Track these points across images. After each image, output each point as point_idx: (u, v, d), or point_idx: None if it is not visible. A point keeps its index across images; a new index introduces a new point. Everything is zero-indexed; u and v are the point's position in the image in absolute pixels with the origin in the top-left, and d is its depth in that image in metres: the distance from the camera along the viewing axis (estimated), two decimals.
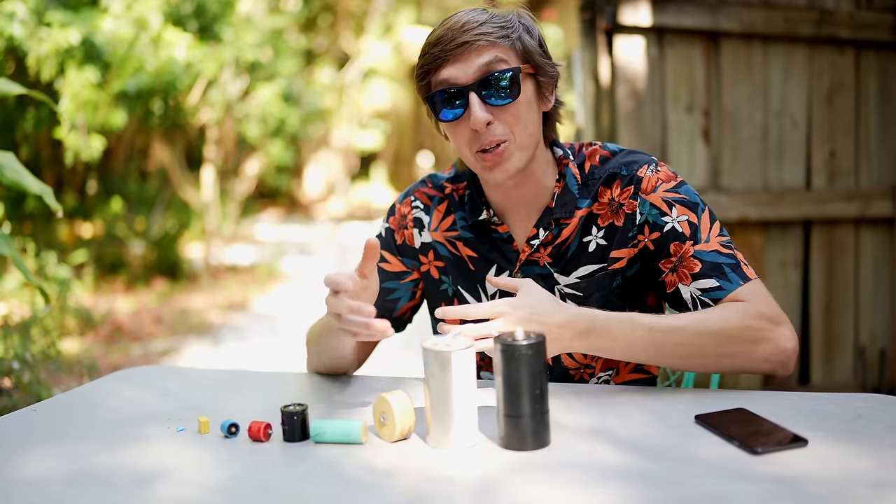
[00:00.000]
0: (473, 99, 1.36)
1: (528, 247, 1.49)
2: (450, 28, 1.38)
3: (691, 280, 1.38)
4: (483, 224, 1.54)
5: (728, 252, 1.38)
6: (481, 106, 1.36)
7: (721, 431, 1.13)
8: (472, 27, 1.36)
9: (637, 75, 3.19)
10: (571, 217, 1.47)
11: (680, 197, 1.42)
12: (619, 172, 1.46)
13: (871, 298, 3.48)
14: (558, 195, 1.48)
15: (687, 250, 1.39)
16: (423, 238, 1.60)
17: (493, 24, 1.37)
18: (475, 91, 1.36)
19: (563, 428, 1.19)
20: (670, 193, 1.42)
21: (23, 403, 2.86)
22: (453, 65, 1.37)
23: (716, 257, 1.37)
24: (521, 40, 1.39)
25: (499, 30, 1.37)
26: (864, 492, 0.94)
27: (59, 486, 1.07)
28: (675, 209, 1.41)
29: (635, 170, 1.45)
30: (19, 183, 2.28)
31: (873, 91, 3.41)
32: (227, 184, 9.72)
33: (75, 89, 5.47)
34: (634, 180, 1.44)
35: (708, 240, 1.39)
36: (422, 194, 1.62)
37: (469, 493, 1.00)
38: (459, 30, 1.36)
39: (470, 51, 1.36)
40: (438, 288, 1.59)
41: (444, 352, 1.12)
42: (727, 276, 1.36)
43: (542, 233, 1.48)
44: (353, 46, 14.57)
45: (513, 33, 1.38)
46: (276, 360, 5.04)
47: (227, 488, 1.05)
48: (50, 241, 6.97)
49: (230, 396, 1.44)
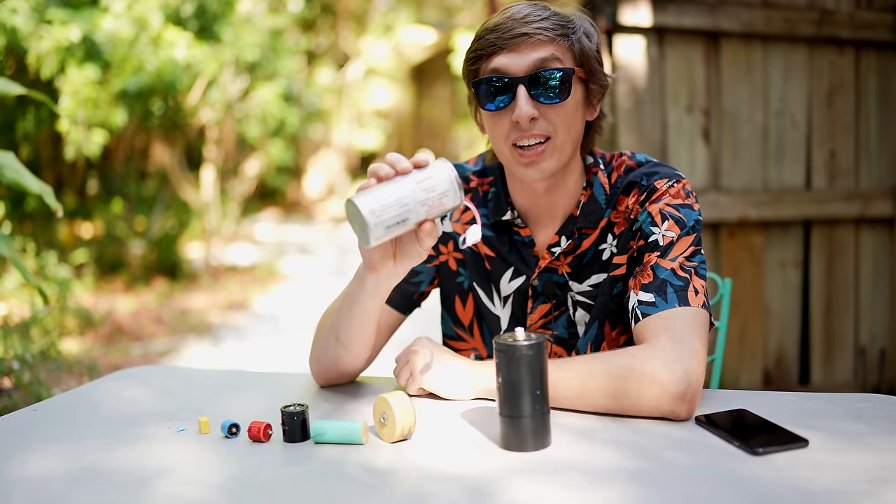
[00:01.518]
0: (521, 92, 1.33)
1: (549, 254, 1.46)
2: (510, 17, 1.35)
3: (639, 289, 1.34)
4: (505, 224, 1.52)
5: (682, 275, 1.32)
6: (528, 100, 1.34)
7: (721, 432, 1.13)
8: (534, 20, 1.34)
9: (637, 75, 3.19)
10: (595, 228, 1.45)
11: (677, 215, 1.38)
12: (638, 182, 1.43)
13: (871, 298, 3.48)
14: (584, 204, 1.46)
15: (650, 260, 1.36)
16: (443, 227, 1.57)
17: (554, 21, 1.35)
18: (525, 84, 1.34)
19: (564, 428, 1.19)
20: (670, 208, 1.39)
21: (23, 403, 2.86)
22: (508, 54, 1.35)
23: (668, 275, 1.32)
24: (580, 42, 1.37)
25: (560, 28, 1.35)
26: (864, 492, 0.94)
27: (59, 485, 1.07)
28: (666, 223, 1.37)
29: (654, 181, 1.42)
30: (19, 182, 2.28)
31: (873, 91, 3.41)
32: (227, 184, 9.72)
33: (75, 86, 5.47)
34: (649, 190, 1.41)
35: (674, 259, 1.34)
36: None
37: (469, 493, 1.00)
38: (520, 20, 1.34)
39: (527, 43, 1.34)
40: (455, 280, 1.57)
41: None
42: (666, 295, 1.30)
43: (564, 241, 1.46)
44: (353, 46, 14.57)
45: (573, 34, 1.37)
46: (276, 360, 5.04)
47: (227, 488, 1.05)
48: (50, 241, 6.97)
49: (230, 396, 1.44)
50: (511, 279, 1.51)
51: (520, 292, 1.50)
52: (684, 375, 1.20)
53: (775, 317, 3.42)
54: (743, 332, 3.36)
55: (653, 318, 1.29)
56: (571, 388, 1.25)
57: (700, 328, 1.28)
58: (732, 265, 3.31)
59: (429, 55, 13.45)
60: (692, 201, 1.41)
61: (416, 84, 15.64)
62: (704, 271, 1.36)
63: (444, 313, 1.61)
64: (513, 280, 1.51)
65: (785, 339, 3.44)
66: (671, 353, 1.23)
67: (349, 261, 8.90)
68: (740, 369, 3.38)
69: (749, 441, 1.08)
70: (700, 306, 1.30)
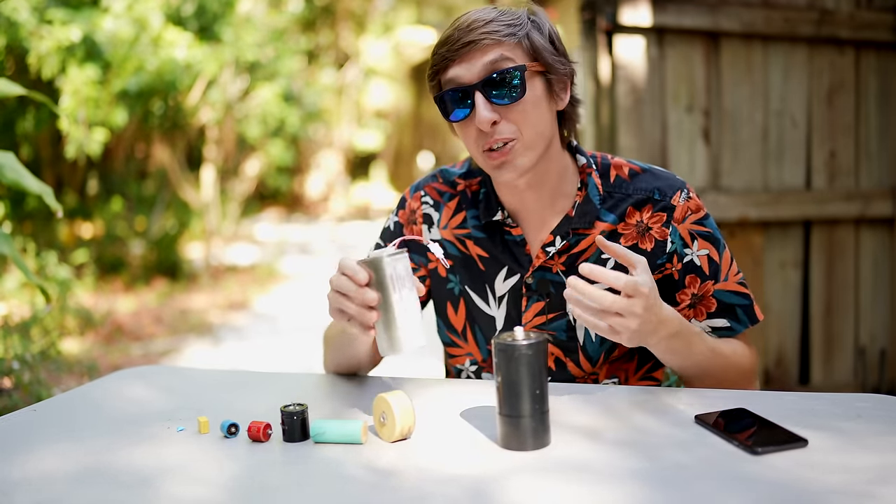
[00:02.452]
0: (479, 98, 1.35)
1: (543, 253, 1.47)
2: (457, 28, 1.37)
3: (705, 317, 1.45)
4: (496, 225, 1.52)
5: (744, 292, 1.46)
6: (486, 105, 1.35)
7: (721, 431, 1.13)
8: (478, 26, 1.35)
9: (637, 75, 3.18)
10: (591, 228, 1.46)
11: (704, 230, 1.45)
12: (652, 197, 1.45)
13: (871, 298, 3.48)
14: (579, 205, 1.46)
15: (708, 289, 1.45)
16: (431, 235, 1.58)
17: (499, 23, 1.36)
18: (480, 90, 1.35)
19: (563, 428, 1.19)
20: (696, 226, 1.45)
21: (23, 403, 2.86)
22: (459, 64, 1.36)
23: (731, 298, 1.45)
24: (529, 37, 1.37)
25: (505, 27, 1.36)
26: (864, 492, 0.94)
27: (60, 485, 1.07)
28: (696, 242, 1.44)
29: (669, 196, 1.45)
30: (19, 182, 2.28)
31: (873, 91, 3.41)
32: (227, 184, 9.72)
33: (76, 86, 5.47)
34: (668, 208, 1.44)
35: (727, 279, 1.45)
36: (432, 189, 1.60)
37: (469, 493, 1.00)
38: (466, 29, 1.36)
39: (475, 50, 1.35)
40: (445, 286, 1.58)
41: (377, 258, 1.20)
42: (738, 318, 1.45)
43: (559, 241, 1.46)
44: (353, 46, 14.58)
45: (520, 31, 1.37)
46: (276, 360, 5.04)
47: (227, 488, 1.05)
48: (50, 240, 6.97)
49: (230, 396, 1.44)
50: (505, 278, 1.51)
51: (514, 291, 1.51)
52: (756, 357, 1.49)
53: (775, 317, 3.42)
54: None
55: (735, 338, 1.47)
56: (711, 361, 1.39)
57: None
58: None
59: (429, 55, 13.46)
60: (704, 207, 1.49)
61: (416, 84, 15.64)
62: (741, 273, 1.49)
63: (438, 321, 1.62)
64: (507, 279, 1.51)
65: (785, 339, 3.45)
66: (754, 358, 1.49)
67: None
68: None
69: (749, 441, 1.08)
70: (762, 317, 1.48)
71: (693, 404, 1.27)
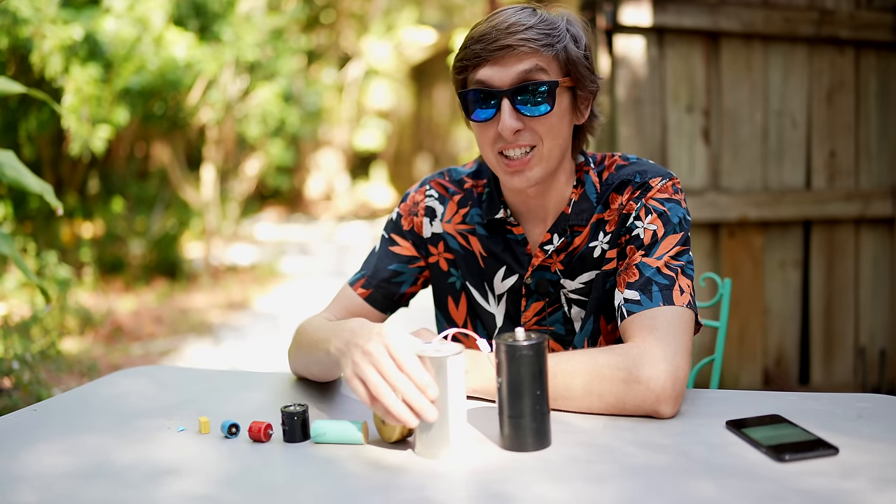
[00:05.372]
0: (506, 105, 1.33)
1: (542, 252, 1.47)
2: (495, 27, 1.33)
3: (625, 287, 1.34)
4: (499, 223, 1.52)
5: (668, 273, 1.32)
6: (512, 113, 1.33)
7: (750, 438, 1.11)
8: (518, 30, 1.32)
9: (637, 75, 3.19)
10: (586, 225, 1.46)
11: (661, 209, 1.38)
12: (632, 179, 1.43)
13: (871, 298, 3.48)
14: (575, 202, 1.46)
15: (634, 259, 1.36)
16: (433, 228, 1.58)
17: (539, 30, 1.33)
18: (509, 97, 1.33)
19: (564, 428, 1.19)
20: (655, 203, 1.39)
21: (23, 403, 2.86)
22: (492, 66, 1.34)
23: (653, 273, 1.33)
24: (566, 50, 1.35)
25: (544, 37, 1.33)
26: (865, 491, 0.94)
27: (60, 485, 1.07)
28: (649, 216, 1.38)
29: (648, 178, 1.42)
30: (19, 181, 2.28)
31: (873, 91, 3.41)
32: (227, 184, 9.71)
33: (79, 84, 5.47)
34: (644, 186, 1.41)
35: (660, 257, 1.34)
36: (438, 185, 1.60)
37: (469, 494, 1.00)
38: (504, 30, 1.32)
39: (511, 55, 1.32)
40: (446, 280, 1.58)
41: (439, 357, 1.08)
42: (651, 293, 1.30)
43: (557, 239, 1.46)
44: (353, 46, 14.57)
45: (558, 42, 1.34)
46: (276, 360, 5.04)
47: (227, 489, 1.05)
48: (50, 240, 6.97)
49: (230, 396, 1.44)
50: (504, 278, 1.51)
51: (513, 291, 1.51)
52: (668, 374, 1.20)
53: (775, 317, 3.42)
54: (743, 332, 3.36)
55: (638, 316, 1.29)
56: (554, 388, 1.23)
57: (685, 327, 1.28)
58: (732, 265, 3.31)
59: (429, 55, 13.46)
60: (680, 198, 1.41)
61: (417, 84, 15.62)
62: (692, 271, 1.36)
63: (437, 314, 1.62)
64: (506, 279, 1.51)
65: (785, 339, 3.45)
66: (655, 353, 1.22)
67: (348, 260, 8.90)
68: (740, 369, 3.38)
69: (778, 448, 1.06)
70: (685, 305, 1.30)
71: (693, 404, 1.27)
